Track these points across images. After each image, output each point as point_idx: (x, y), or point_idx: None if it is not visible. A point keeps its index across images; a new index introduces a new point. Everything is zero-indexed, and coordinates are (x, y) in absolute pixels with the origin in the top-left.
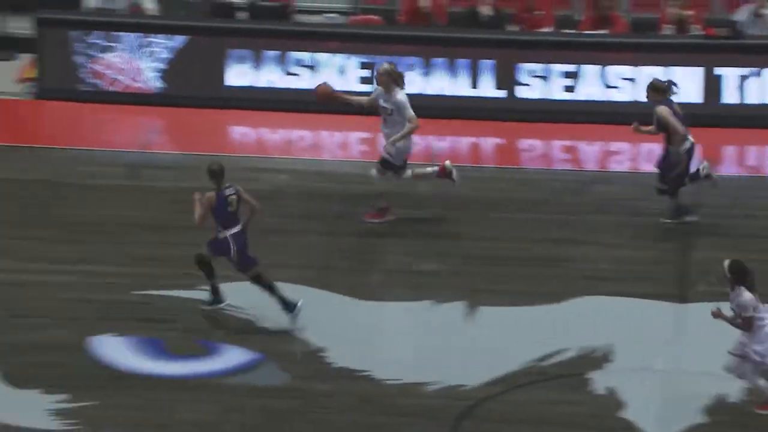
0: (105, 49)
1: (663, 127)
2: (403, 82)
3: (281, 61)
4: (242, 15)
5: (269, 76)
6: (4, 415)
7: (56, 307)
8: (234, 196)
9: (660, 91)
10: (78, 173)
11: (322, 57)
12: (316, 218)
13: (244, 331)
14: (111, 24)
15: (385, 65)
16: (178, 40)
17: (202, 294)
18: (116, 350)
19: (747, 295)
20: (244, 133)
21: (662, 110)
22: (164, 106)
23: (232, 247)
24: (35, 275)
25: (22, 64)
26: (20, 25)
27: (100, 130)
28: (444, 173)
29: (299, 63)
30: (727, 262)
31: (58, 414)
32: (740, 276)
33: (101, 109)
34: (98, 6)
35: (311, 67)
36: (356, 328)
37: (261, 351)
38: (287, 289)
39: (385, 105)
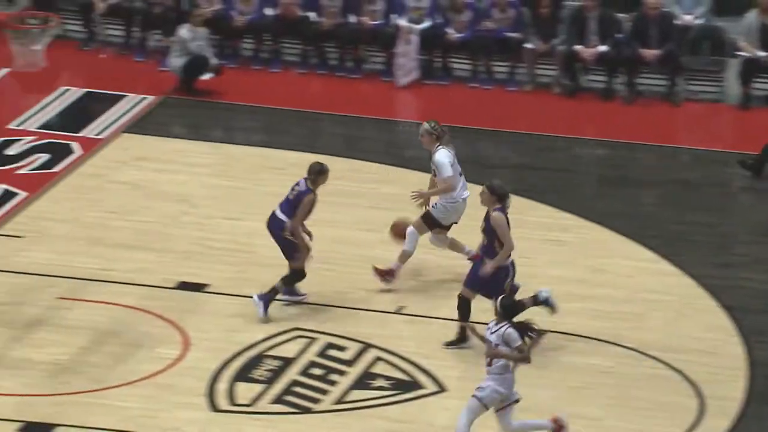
0: None
1: (492, 235)
2: (444, 139)
3: None
4: None
5: None
6: None
7: None
8: (297, 188)
9: (497, 195)
10: None
11: None
12: None
13: None
14: None
15: (425, 125)
16: None
17: None
18: None
19: (513, 330)
20: None
21: (498, 218)
22: None
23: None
24: None
25: None
26: None
27: None
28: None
29: None
30: (500, 297)
31: None
32: (508, 313)
33: None
34: None
35: None
36: None
37: None
38: None
39: (431, 164)
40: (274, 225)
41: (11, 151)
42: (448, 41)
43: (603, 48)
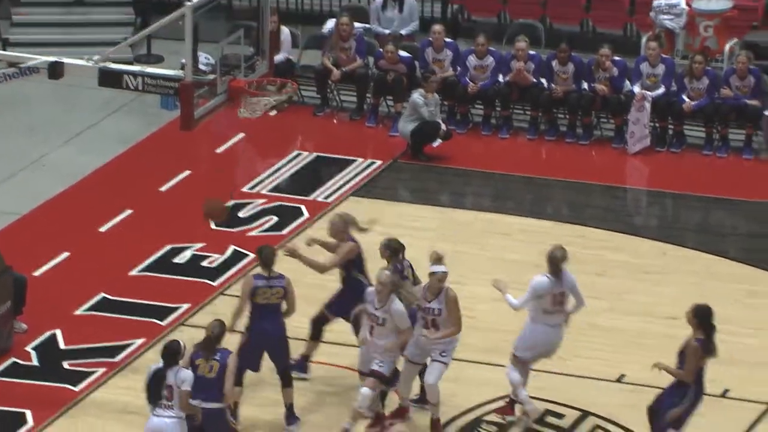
0: None
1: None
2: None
3: None
4: None
5: None
6: None
7: None
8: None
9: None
10: None
11: None
12: None
13: None
14: None
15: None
16: None
17: None
18: None
19: None
20: None
21: None
22: None
23: None
24: None
25: None
26: None
27: None
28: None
29: None
30: None
31: None
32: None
33: None
34: None
35: None
36: None
37: None
38: None
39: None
40: None
41: (243, 213)
42: (683, 109)
43: None
